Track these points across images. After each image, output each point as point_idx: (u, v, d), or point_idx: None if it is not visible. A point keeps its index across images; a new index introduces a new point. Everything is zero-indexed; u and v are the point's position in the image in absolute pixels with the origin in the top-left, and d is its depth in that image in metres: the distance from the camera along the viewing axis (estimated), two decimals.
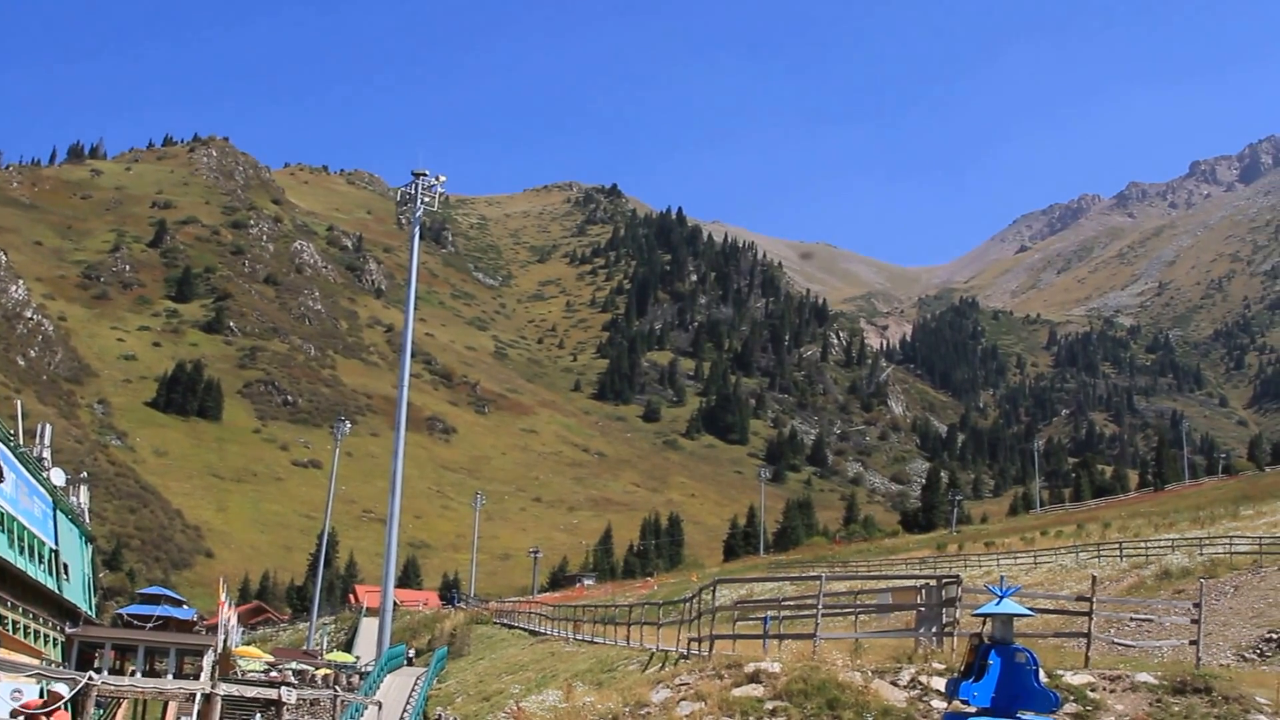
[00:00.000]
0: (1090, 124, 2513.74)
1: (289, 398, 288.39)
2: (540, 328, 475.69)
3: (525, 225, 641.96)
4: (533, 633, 67.86)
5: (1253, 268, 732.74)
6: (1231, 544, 70.07)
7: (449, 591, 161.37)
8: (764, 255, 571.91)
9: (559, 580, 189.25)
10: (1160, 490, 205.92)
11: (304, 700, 41.89)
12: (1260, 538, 69.86)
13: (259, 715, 38.68)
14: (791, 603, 33.20)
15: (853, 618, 34.87)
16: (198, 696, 20.49)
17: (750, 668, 21.88)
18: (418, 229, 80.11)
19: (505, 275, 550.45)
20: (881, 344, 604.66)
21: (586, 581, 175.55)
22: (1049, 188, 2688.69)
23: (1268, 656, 42.15)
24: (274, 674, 58.38)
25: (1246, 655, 43.07)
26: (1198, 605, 26.76)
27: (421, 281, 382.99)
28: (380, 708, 39.70)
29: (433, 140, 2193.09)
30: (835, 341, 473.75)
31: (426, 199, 77.86)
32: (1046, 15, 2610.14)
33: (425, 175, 78.16)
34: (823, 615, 25.71)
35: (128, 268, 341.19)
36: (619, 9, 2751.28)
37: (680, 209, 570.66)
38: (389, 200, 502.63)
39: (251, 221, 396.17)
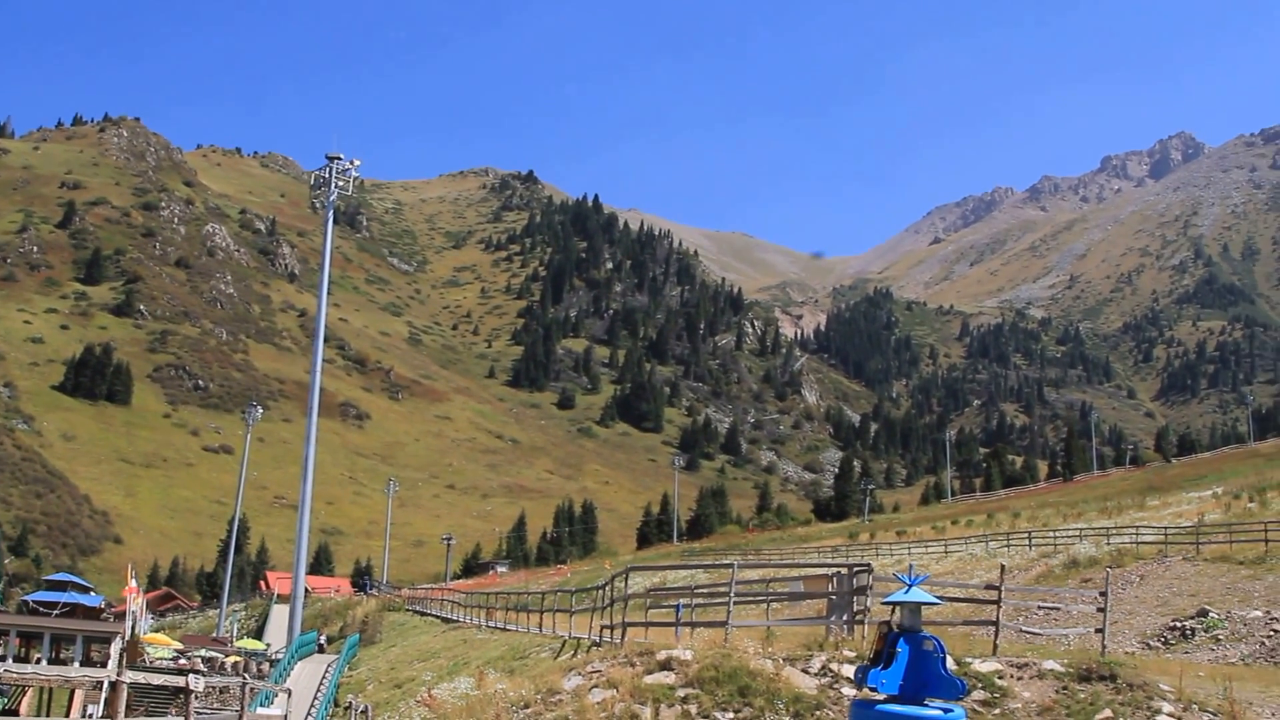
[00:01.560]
0: (1005, 118, 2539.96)
1: (200, 382, 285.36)
2: (455, 314, 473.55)
3: (441, 211, 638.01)
4: (445, 620, 67.67)
5: (1161, 262, 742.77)
6: (1138, 534, 70.96)
7: (361, 578, 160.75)
8: (680, 244, 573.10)
9: (472, 567, 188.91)
10: (1069, 480, 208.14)
11: (213, 688, 41.49)
12: (1166, 528, 70.72)
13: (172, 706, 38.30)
14: (704, 590, 33.35)
15: (765, 606, 35.08)
16: (104, 684, 20.23)
17: (662, 655, 21.93)
18: (331, 213, 79.43)
19: (420, 261, 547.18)
20: (796, 333, 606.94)
21: (500, 569, 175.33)
22: (963, 180, 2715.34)
23: (1172, 644, 42.74)
24: (183, 661, 57.76)
25: (1151, 643, 43.66)
26: (1104, 594, 27.12)
27: (335, 266, 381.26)
28: (290, 695, 39.38)
29: (348, 124, 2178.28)
30: (750, 330, 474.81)
31: (341, 183, 77.23)
32: (964, 12, 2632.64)
33: (340, 159, 77.50)
34: (735, 603, 25.82)
35: (35, 249, 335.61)
36: None
37: (597, 196, 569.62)
38: (303, 184, 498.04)
39: (163, 203, 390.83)
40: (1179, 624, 44.95)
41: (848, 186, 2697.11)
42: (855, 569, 25.70)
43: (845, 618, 24.99)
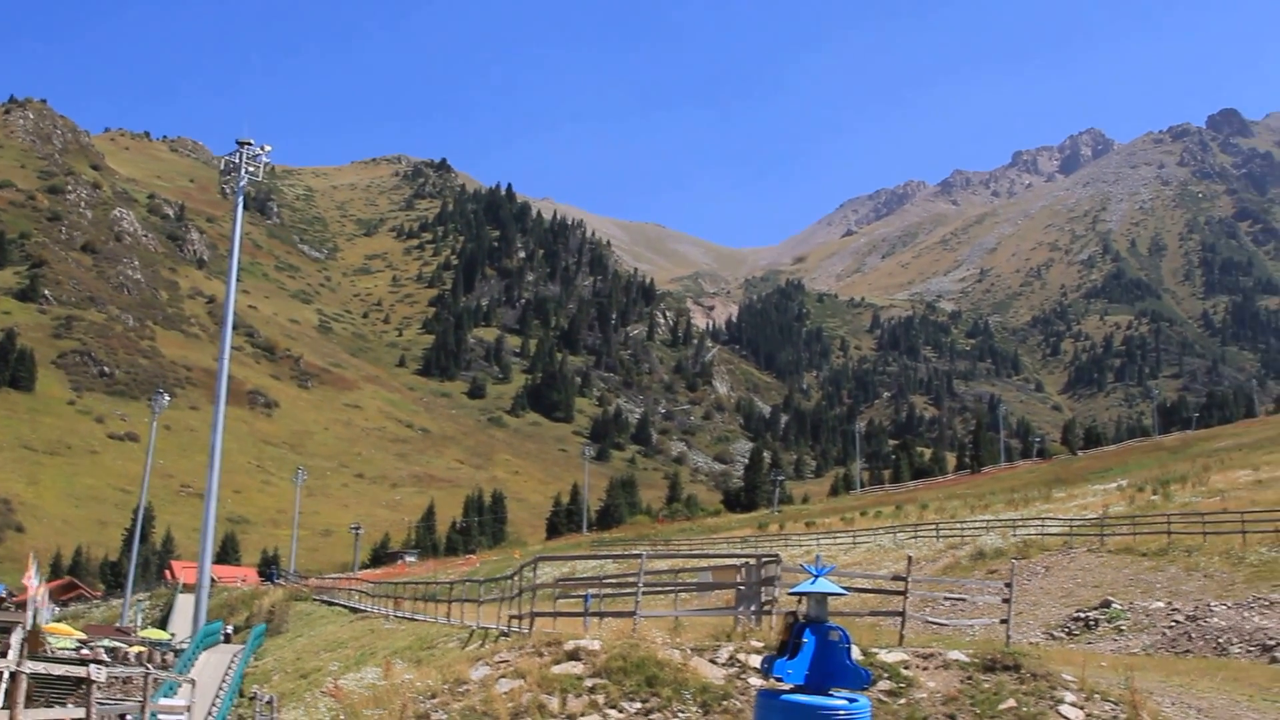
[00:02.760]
0: (918, 111, 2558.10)
1: (106, 369, 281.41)
2: (366, 302, 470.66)
3: (352, 198, 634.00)
4: (353, 610, 67.23)
5: (1070, 257, 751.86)
6: (1044, 525, 71.76)
7: (268, 568, 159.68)
8: (593, 233, 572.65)
9: (381, 557, 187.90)
10: (977, 472, 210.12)
11: (115, 678, 40.95)
12: (1071, 520, 71.63)
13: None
14: (613, 581, 33.32)
15: (674, 596, 35.10)
16: (4, 675, 19.91)
17: (570, 645, 21.86)
18: (241, 199, 78.60)
19: (331, 248, 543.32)
20: (707, 324, 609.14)
21: (408, 558, 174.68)
22: (876, 173, 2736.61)
23: (1075, 635, 43.20)
24: (85, 652, 57.01)
25: (1055, 634, 44.13)
26: (1009, 585, 27.34)
27: (245, 253, 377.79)
28: (194, 686, 38.97)
29: (260, 109, 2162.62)
30: (662, 321, 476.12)
31: (251, 169, 76.44)
32: (880, 4, 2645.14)
33: (250, 145, 76.70)
34: (644, 593, 25.76)
35: None
36: None
37: (510, 185, 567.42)
38: (213, 169, 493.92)
39: (69, 187, 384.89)
40: (1083, 615, 45.44)
41: (761, 178, 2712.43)
42: (763, 560, 25.70)
43: (753, 608, 25.00)
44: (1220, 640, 37.56)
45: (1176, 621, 41.69)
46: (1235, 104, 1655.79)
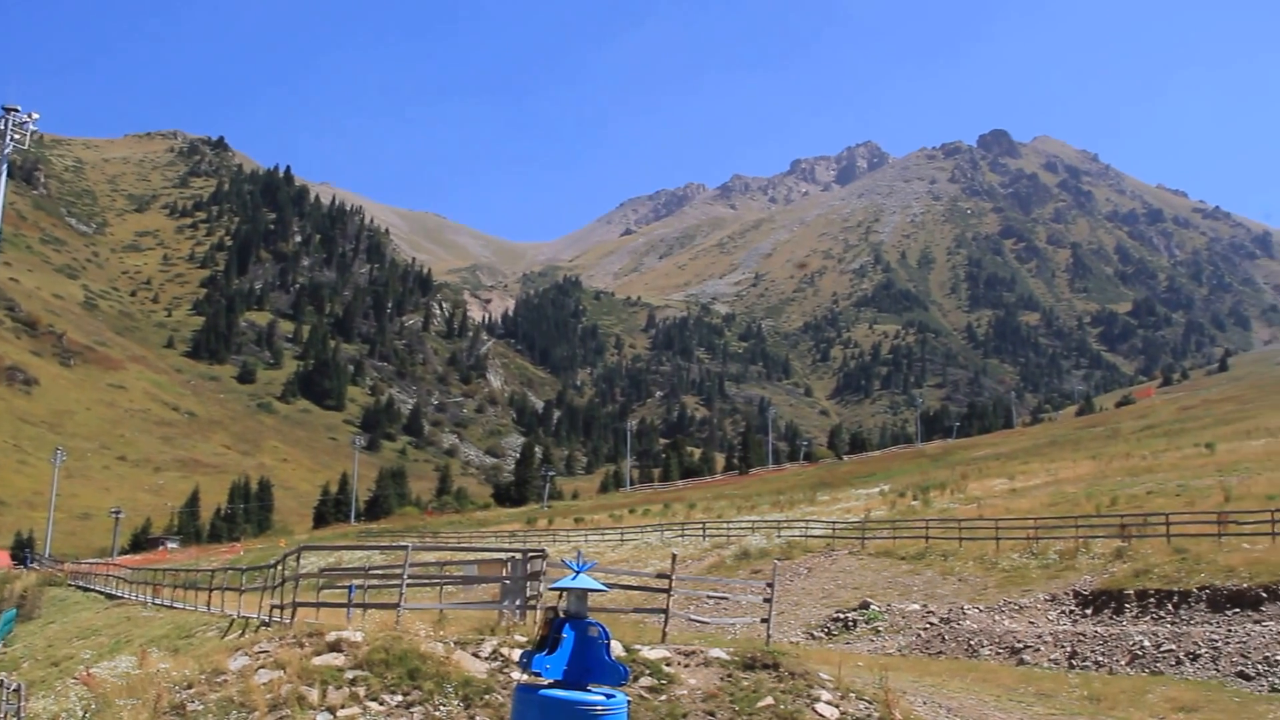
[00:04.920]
0: (699, 114, 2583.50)
1: None
2: (134, 280, 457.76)
3: (124, 172, 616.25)
4: (109, 596, 65.65)
5: (843, 265, 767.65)
6: (807, 528, 73.17)
7: (22, 551, 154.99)
8: (372, 221, 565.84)
9: (141, 543, 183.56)
10: (745, 474, 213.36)
11: None
12: (834, 523, 73.15)
13: None
14: (379, 572, 33.09)
15: (440, 589, 35.02)
16: None
17: (332, 636, 21.66)
18: (6, 168, 76.10)
19: (100, 223, 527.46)
20: (484, 317, 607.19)
21: (170, 545, 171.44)
22: (658, 175, 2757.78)
23: (834, 635, 44.19)
24: None
25: (815, 634, 45.07)
26: (771, 585, 27.83)
27: (8, 224, 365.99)
28: None
29: (27, 73, 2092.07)
30: (438, 312, 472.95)
31: (17, 137, 73.96)
32: (662, 7, 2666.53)
33: (17, 111, 74.25)
34: (409, 586, 25.70)
35: None
36: None
37: (289, 168, 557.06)
38: None
39: None
40: (842, 615, 46.48)
41: (544, 174, 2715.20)
42: (530, 555, 25.80)
43: (518, 603, 25.08)
44: (972, 642, 38.75)
45: (931, 624, 42.90)
46: (1005, 125, 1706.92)
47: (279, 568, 31.02)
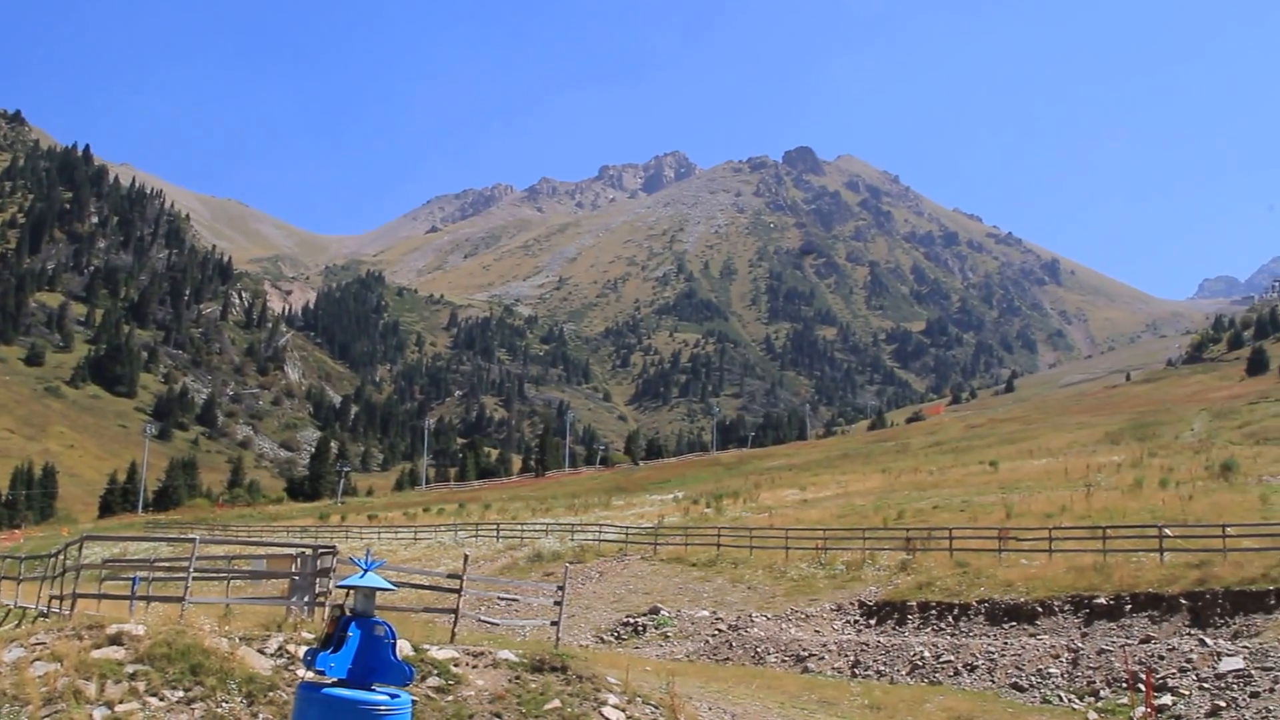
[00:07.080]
0: (512, 118, 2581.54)
1: None
2: None
3: None
4: None
5: (646, 273, 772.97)
6: (601, 532, 73.55)
7: None
8: (172, 205, 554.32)
9: None
10: (541, 476, 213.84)
11: None
12: (628, 528, 73.59)
13: None
14: (165, 564, 32.50)
15: (227, 583, 34.53)
16: None
17: (113, 629, 21.21)
18: None
19: None
20: (284, 309, 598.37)
21: None
22: (465, 174, 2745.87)
23: (624, 639, 44.45)
24: None
25: (605, 637, 45.29)
26: (562, 588, 28.01)
27: None
28: None
29: None
30: (237, 301, 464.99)
31: None
32: (481, 12, 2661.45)
33: None
34: (195, 579, 25.31)
35: None
36: None
37: (88, 146, 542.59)
38: None
39: None
40: (632, 620, 46.79)
41: (351, 167, 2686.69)
42: (320, 551, 25.57)
43: (307, 599, 24.86)
44: (759, 649, 39.26)
45: (719, 630, 43.41)
46: (810, 143, 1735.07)
47: (60, 557, 30.32)
